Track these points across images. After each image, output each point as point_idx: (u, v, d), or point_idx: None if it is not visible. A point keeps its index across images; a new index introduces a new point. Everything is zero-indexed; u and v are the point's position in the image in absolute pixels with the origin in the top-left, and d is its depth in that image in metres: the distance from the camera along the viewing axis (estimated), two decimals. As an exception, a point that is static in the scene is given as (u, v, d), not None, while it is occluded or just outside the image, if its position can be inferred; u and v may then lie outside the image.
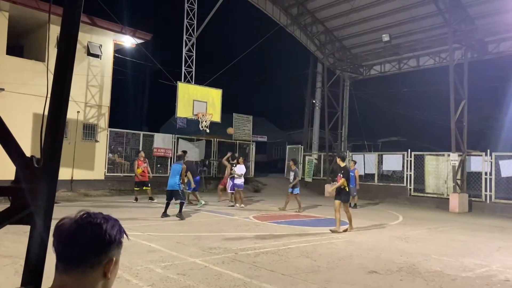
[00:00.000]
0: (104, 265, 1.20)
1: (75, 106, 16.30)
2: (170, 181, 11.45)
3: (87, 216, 1.26)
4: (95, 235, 1.20)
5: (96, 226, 1.22)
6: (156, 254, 6.84)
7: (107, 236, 1.21)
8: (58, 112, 2.39)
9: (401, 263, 6.77)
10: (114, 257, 1.23)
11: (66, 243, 1.20)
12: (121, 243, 1.26)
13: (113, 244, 1.22)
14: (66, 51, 2.40)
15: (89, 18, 16.16)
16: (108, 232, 1.22)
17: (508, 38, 17.10)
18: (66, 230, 1.21)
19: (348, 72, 23.14)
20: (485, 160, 15.93)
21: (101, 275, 1.20)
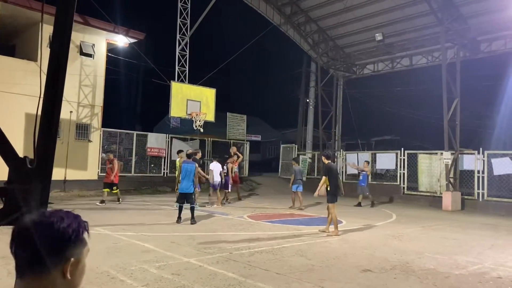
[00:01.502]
0: (62, 265, 1.16)
1: (68, 106, 16.21)
2: (184, 183, 10.38)
3: (41, 215, 1.20)
4: (46, 235, 1.14)
5: (48, 225, 1.16)
6: (150, 254, 6.82)
7: (60, 235, 1.15)
8: (52, 112, 2.38)
9: (395, 261, 6.80)
10: (73, 257, 1.17)
11: (18, 244, 1.15)
12: (80, 241, 1.20)
13: (69, 242, 1.17)
14: (59, 50, 2.39)
15: (81, 17, 16.08)
16: (61, 231, 1.16)
17: (500, 37, 17.23)
18: (18, 231, 1.17)
19: (341, 71, 23.20)
20: (477, 158, 16.04)
21: (60, 276, 1.16)
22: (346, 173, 21.58)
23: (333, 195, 9.28)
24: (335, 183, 9.40)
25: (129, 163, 18.90)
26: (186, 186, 10.38)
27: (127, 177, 18.57)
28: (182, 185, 10.43)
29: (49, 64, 2.14)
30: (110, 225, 9.54)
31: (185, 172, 10.43)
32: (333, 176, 9.43)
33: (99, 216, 10.93)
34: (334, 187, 9.34)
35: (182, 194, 10.47)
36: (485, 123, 24.72)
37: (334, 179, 9.38)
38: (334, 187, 9.34)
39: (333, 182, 9.33)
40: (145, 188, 18.27)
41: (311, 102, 26.47)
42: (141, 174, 19.10)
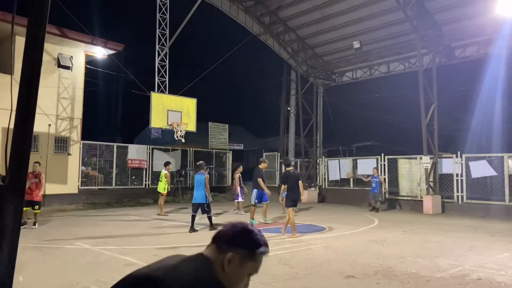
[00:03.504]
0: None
1: (46, 119, 15.95)
2: (197, 193, 10.85)
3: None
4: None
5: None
6: (132, 267, 6.63)
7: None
8: (24, 126, 2.33)
9: (378, 267, 6.86)
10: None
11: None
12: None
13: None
14: (32, 62, 2.35)
15: (59, 29, 15.91)
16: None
17: (473, 43, 17.70)
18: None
19: (321, 79, 23.44)
20: (456, 162, 16.35)
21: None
22: (329, 179, 21.74)
23: (291, 200, 9.87)
24: (293, 189, 9.97)
25: (110, 175, 18.67)
26: (199, 196, 10.79)
27: (108, 189, 18.35)
28: (195, 195, 10.95)
29: (22, 76, 2.12)
30: (90, 238, 9.39)
31: (196, 183, 10.95)
32: (291, 183, 9.97)
33: (79, 229, 10.75)
34: (292, 193, 9.93)
35: (195, 204, 10.91)
36: (462, 127, 25.24)
37: (292, 186, 9.95)
38: (292, 193, 9.93)
39: (291, 189, 9.93)
40: (126, 201, 18.05)
41: (292, 110, 26.63)
42: (122, 186, 18.86)
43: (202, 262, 1.45)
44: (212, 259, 1.46)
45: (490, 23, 15.71)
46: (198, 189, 10.86)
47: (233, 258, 1.44)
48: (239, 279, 1.47)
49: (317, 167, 22.47)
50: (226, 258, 1.44)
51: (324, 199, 21.12)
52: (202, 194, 10.76)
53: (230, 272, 1.44)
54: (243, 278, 1.48)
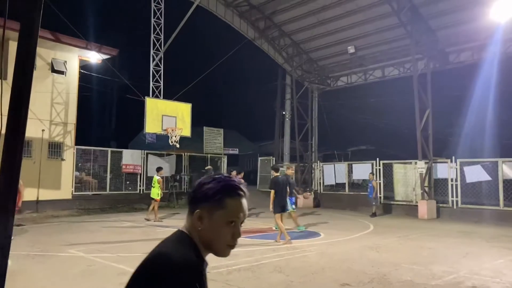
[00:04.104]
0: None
1: (39, 124, 15.85)
2: None
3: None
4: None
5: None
6: (126, 276, 6.56)
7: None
8: (16, 132, 2.27)
9: (373, 274, 6.84)
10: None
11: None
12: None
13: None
14: (24, 67, 2.31)
15: (53, 34, 15.84)
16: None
17: (467, 49, 17.78)
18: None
19: (316, 84, 23.47)
20: (450, 166, 16.39)
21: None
22: (324, 184, 21.74)
23: (278, 206, 9.96)
24: (281, 195, 10.11)
25: (104, 180, 18.57)
26: None
27: (102, 195, 18.24)
28: None
29: (14, 81, 2.08)
30: (84, 246, 9.31)
31: None
32: (279, 189, 10.08)
33: (73, 236, 10.66)
34: (280, 199, 10.05)
35: None
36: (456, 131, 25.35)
37: (279, 192, 10.07)
38: (280, 199, 10.05)
39: (279, 195, 10.04)
40: (121, 206, 17.95)
41: (287, 114, 26.64)
42: (116, 191, 18.77)
43: (174, 236, 1.45)
44: (187, 227, 1.46)
45: (484, 29, 15.81)
46: None
47: (201, 214, 1.42)
48: (217, 231, 1.42)
49: (312, 172, 22.46)
50: (195, 218, 1.43)
51: (319, 203, 21.10)
52: None
53: (204, 228, 1.42)
54: (220, 230, 1.42)
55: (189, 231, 1.44)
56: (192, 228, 1.44)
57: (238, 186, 1.46)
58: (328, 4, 17.97)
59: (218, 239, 1.43)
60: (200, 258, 1.40)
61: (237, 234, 1.45)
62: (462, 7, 16.02)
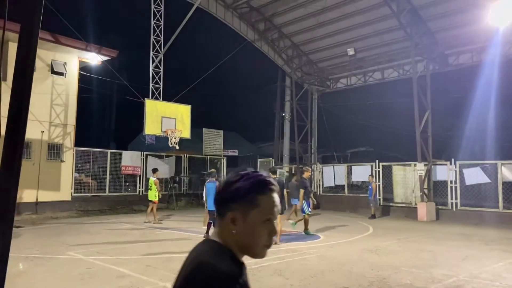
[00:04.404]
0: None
1: (39, 125, 15.84)
2: (209, 201, 11.29)
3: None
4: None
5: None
6: (125, 279, 6.66)
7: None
8: (16, 135, 2.26)
9: (372, 277, 6.83)
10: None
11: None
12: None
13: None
14: (24, 69, 2.30)
15: (52, 35, 15.84)
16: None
17: (467, 51, 17.82)
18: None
19: (315, 86, 23.49)
20: (450, 169, 16.39)
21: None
22: (323, 185, 21.73)
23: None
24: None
25: (103, 182, 18.56)
26: (210, 204, 11.08)
27: (102, 196, 18.23)
28: (209, 203, 11.23)
29: (14, 83, 2.08)
30: (83, 248, 9.30)
31: (208, 190, 11.39)
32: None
33: (72, 238, 10.65)
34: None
35: (210, 212, 11.16)
36: (455, 134, 25.37)
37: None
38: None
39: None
40: (120, 208, 17.93)
41: (287, 116, 26.65)
42: (116, 193, 18.75)
43: (207, 246, 1.35)
44: (219, 233, 1.36)
45: (483, 31, 15.83)
46: (210, 197, 11.26)
47: (234, 216, 1.32)
48: (253, 232, 1.32)
49: (311, 173, 22.44)
50: (228, 221, 1.33)
51: (318, 205, 21.08)
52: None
53: (240, 231, 1.31)
54: (257, 230, 1.32)
55: (221, 237, 1.34)
56: (225, 233, 1.34)
57: (269, 181, 1.38)
58: (328, 6, 18.00)
59: (255, 240, 1.33)
60: (239, 264, 1.31)
61: (273, 232, 1.36)
62: (461, 9, 16.05)
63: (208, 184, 11.66)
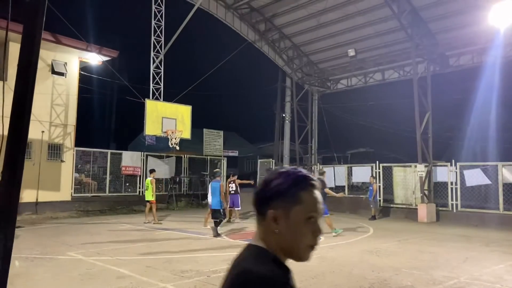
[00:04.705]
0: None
1: (39, 125, 15.83)
2: (213, 200, 11.52)
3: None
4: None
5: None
6: (125, 280, 6.64)
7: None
8: (19, 136, 2.25)
9: (373, 279, 6.82)
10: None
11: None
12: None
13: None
14: (27, 68, 2.30)
15: (53, 35, 15.83)
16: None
17: (467, 52, 17.80)
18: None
19: (316, 86, 23.48)
20: (450, 170, 16.37)
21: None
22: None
23: None
24: None
25: (103, 182, 18.55)
26: (215, 203, 11.43)
27: (102, 196, 18.22)
28: (212, 202, 11.52)
29: (17, 83, 2.07)
30: (83, 248, 9.29)
31: (212, 190, 11.60)
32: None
33: (72, 238, 10.63)
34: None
35: (213, 211, 11.56)
36: (456, 135, 25.36)
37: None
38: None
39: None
40: (120, 208, 17.91)
41: (287, 116, 26.63)
42: (116, 193, 18.75)
43: (249, 251, 1.29)
44: (260, 235, 1.30)
45: (484, 32, 15.81)
46: (214, 196, 11.48)
47: (275, 214, 1.26)
48: (297, 231, 1.26)
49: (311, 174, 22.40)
50: (269, 219, 1.26)
51: (319, 206, 21.06)
52: (217, 201, 11.41)
53: (282, 230, 1.25)
54: (300, 228, 1.26)
55: (263, 240, 1.28)
56: (267, 234, 1.28)
57: (309, 177, 1.32)
58: (328, 7, 18.00)
59: (299, 239, 1.26)
60: (283, 268, 1.25)
61: (318, 231, 1.29)
62: (462, 10, 16.04)
63: (212, 183, 11.81)
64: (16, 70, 2.22)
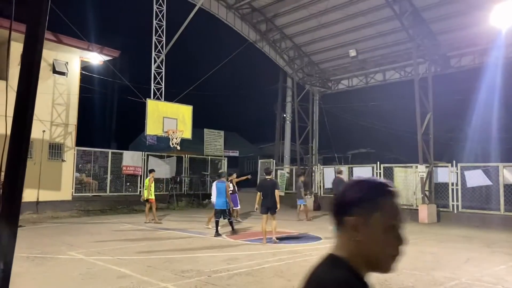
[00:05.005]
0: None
1: (40, 125, 15.84)
2: (218, 200, 11.62)
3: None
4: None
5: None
6: (126, 280, 6.64)
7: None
8: (21, 134, 2.25)
9: (374, 280, 6.78)
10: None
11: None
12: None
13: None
14: (30, 69, 2.30)
15: (54, 35, 15.84)
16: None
17: (469, 53, 17.77)
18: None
19: (317, 87, 23.46)
20: (451, 171, 16.35)
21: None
22: (324, 187, 21.70)
23: (265, 207, 10.50)
24: (266, 197, 10.53)
25: (104, 182, 18.56)
26: (221, 203, 11.54)
27: (103, 196, 18.23)
28: (217, 202, 11.61)
29: (19, 82, 2.07)
30: (84, 248, 9.29)
31: (217, 190, 11.68)
32: (265, 191, 10.58)
33: (73, 238, 10.63)
34: (265, 200, 10.52)
35: (217, 210, 11.67)
36: (457, 136, 25.34)
37: (266, 194, 10.52)
38: (265, 200, 10.52)
39: (265, 197, 10.54)
40: (121, 208, 17.92)
41: (288, 117, 26.64)
42: (116, 193, 18.75)
43: (325, 260, 1.26)
44: (339, 245, 1.26)
45: (485, 33, 15.79)
46: (220, 196, 11.58)
47: (355, 222, 1.22)
48: (379, 240, 1.21)
49: (312, 175, 22.43)
50: (349, 227, 1.23)
51: (319, 206, 21.07)
52: (223, 201, 11.54)
53: (362, 238, 1.21)
54: (382, 237, 1.21)
55: (342, 249, 1.24)
56: (346, 243, 1.24)
57: (389, 185, 1.30)
58: (329, 8, 17.98)
59: (380, 248, 1.21)
60: (358, 278, 1.20)
61: (400, 240, 1.24)
62: (464, 11, 16.01)
63: (217, 183, 11.92)
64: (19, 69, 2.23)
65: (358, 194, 1.25)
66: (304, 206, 16.42)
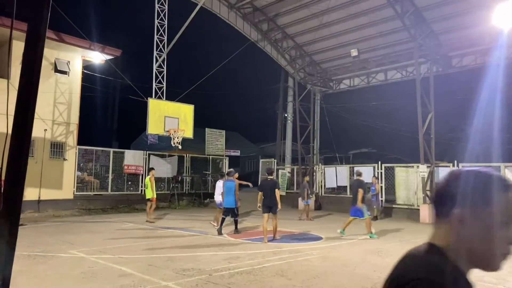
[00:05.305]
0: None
1: (42, 124, 15.87)
2: (227, 199, 11.67)
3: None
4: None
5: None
6: (127, 278, 6.65)
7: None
8: (22, 133, 2.25)
9: (375, 279, 6.81)
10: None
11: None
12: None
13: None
14: (31, 67, 2.30)
15: (56, 34, 15.86)
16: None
17: (470, 53, 17.76)
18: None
19: (318, 86, 23.46)
20: (452, 171, 16.31)
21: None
22: (325, 186, 21.71)
23: (266, 207, 10.67)
24: (267, 197, 10.70)
25: (105, 180, 18.58)
26: (230, 202, 11.60)
27: (104, 195, 18.26)
28: (226, 200, 11.66)
29: (20, 81, 2.07)
30: (85, 246, 9.30)
31: (226, 189, 11.71)
32: (266, 191, 10.73)
33: (74, 237, 10.65)
34: (266, 200, 10.70)
35: (225, 209, 11.74)
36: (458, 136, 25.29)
37: (266, 194, 10.68)
38: (266, 200, 10.70)
39: (266, 196, 10.72)
40: (122, 207, 17.95)
41: (289, 116, 26.64)
42: (118, 192, 18.79)
43: (422, 247, 1.22)
44: (439, 236, 1.21)
45: (487, 33, 15.78)
46: (229, 195, 11.64)
47: (462, 215, 1.13)
48: (489, 236, 1.12)
49: (313, 174, 22.43)
50: (454, 221, 1.15)
51: (320, 206, 21.08)
52: (232, 200, 11.59)
53: (469, 233, 1.13)
54: (492, 233, 1.12)
55: (441, 240, 1.19)
56: (447, 234, 1.18)
57: (506, 179, 1.17)
58: (331, 7, 17.97)
59: (490, 246, 1.12)
60: (453, 267, 1.13)
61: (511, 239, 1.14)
62: (465, 11, 16.00)
63: (227, 183, 11.91)
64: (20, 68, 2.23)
65: (467, 186, 1.15)
66: (306, 205, 16.47)
